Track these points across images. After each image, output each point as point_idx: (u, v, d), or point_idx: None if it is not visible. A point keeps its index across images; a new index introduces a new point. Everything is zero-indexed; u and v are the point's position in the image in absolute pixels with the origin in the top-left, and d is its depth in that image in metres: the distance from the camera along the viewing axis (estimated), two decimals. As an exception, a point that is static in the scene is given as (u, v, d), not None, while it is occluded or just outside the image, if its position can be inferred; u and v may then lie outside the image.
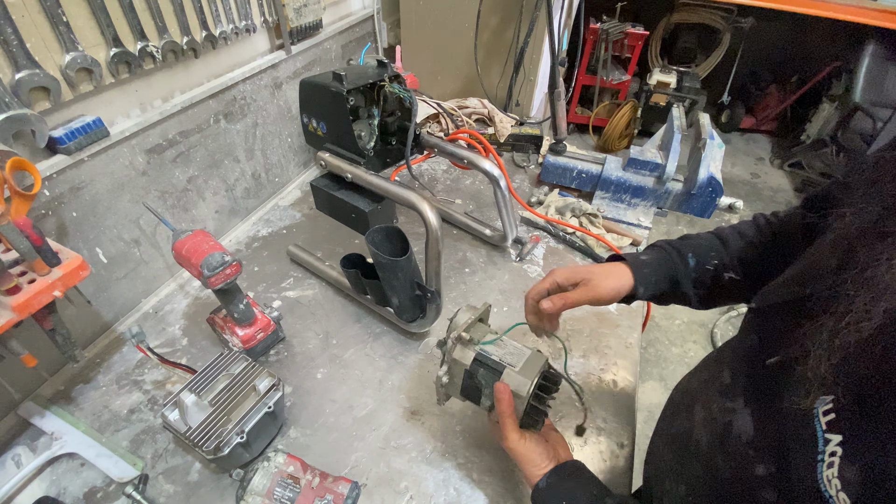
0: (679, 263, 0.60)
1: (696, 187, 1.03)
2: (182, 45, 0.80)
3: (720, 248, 0.61)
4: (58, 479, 0.63)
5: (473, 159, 0.91)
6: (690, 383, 0.56)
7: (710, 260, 0.60)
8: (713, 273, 0.60)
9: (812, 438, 0.32)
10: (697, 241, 0.62)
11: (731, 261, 0.60)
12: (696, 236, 0.64)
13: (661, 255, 0.62)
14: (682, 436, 0.50)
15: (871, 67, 2.69)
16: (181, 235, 0.67)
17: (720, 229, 0.64)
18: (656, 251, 0.63)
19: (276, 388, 0.64)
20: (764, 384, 0.41)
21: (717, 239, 0.62)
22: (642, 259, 0.61)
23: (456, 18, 1.37)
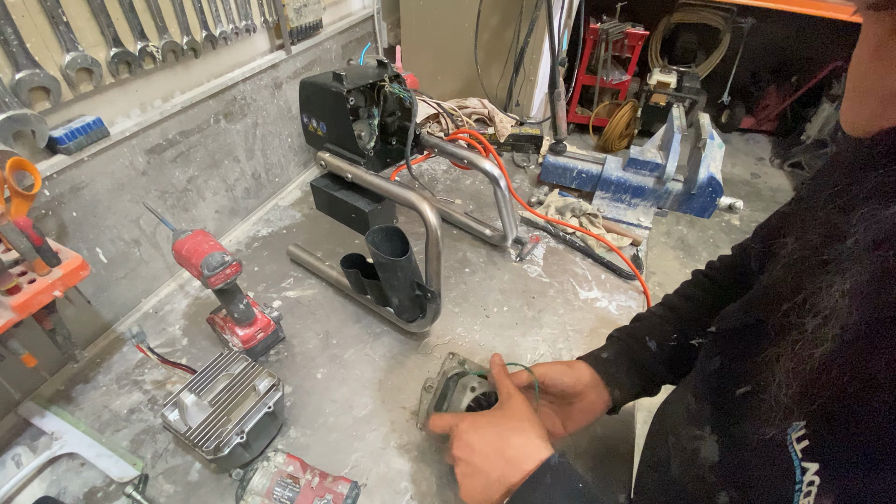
0: (639, 351, 0.58)
1: (696, 187, 1.03)
2: (182, 45, 0.80)
3: (675, 320, 0.59)
4: (58, 479, 0.63)
5: (473, 159, 0.91)
6: (665, 408, 0.56)
7: (669, 336, 0.58)
8: (678, 346, 0.58)
9: (788, 468, 0.31)
10: (650, 323, 0.61)
11: (691, 327, 0.58)
12: (648, 316, 0.62)
13: (620, 348, 0.60)
14: (660, 465, 0.49)
15: (872, 67, 2.68)
16: (181, 235, 0.67)
17: (667, 299, 0.63)
18: (613, 345, 0.61)
19: (276, 388, 0.64)
20: (730, 411, 0.40)
21: (668, 311, 0.61)
22: (603, 357, 0.59)
23: (456, 18, 1.37)
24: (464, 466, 0.47)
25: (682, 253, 2.63)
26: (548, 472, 0.44)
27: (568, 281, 0.97)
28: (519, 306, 0.91)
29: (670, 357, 0.58)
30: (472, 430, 0.49)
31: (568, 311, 0.90)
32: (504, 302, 0.91)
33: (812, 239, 0.36)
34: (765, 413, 0.34)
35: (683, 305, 0.61)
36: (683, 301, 0.61)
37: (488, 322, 0.87)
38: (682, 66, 3.17)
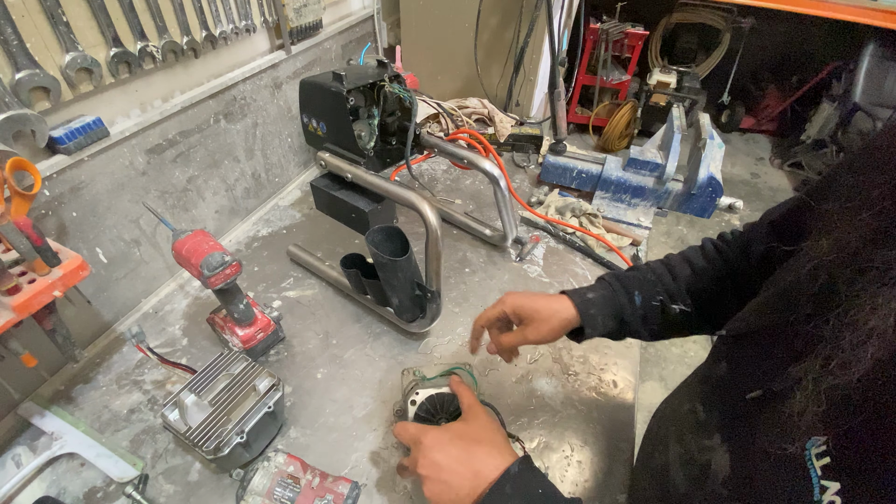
0: (625, 302, 0.58)
1: (696, 187, 1.03)
2: (182, 45, 0.80)
3: (668, 281, 0.58)
4: (58, 479, 0.63)
5: (473, 159, 0.91)
6: (665, 411, 0.54)
7: (655, 296, 0.58)
8: (661, 308, 0.57)
9: (805, 485, 0.29)
10: (644, 276, 0.59)
11: (680, 292, 0.57)
12: (645, 269, 0.61)
13: (608, 294, 0.59)
14: (659, 472, 0.48)
15: (871, 67, 2.69)
16: (181, 235, 0.67)
17: (669, 258, 0.61)
18: (603, 288, 0.60)
19: (276, 388, 0.64)
20: (742, 419, 0.38)
21: (666, 270, 0.60)
22: (589, 298, 0.58)
23: (456, 18, 1.37)
24: (432, 484, 0.46)
25: (682, 253, 2.63)
26: (508, 482, 0.43)
27: (568, 281, 0.97)
28: (519, 306, 0.91)
29: (648, 315, 0.58)
30: (436, 448, 0.48)
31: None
32: (504, 302, 0.91)
33: (851, 242, 0.32)
34: (783, 425, 0.32)
35: (683, 270, 0.59)
36: (684, 265, 0.59)
37: None
38: (682, 66, 3.17)
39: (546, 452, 0.68)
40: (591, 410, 0.74)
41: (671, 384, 1.97)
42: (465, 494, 0.44)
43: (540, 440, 0.70)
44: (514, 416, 0.73)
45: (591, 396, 0.76)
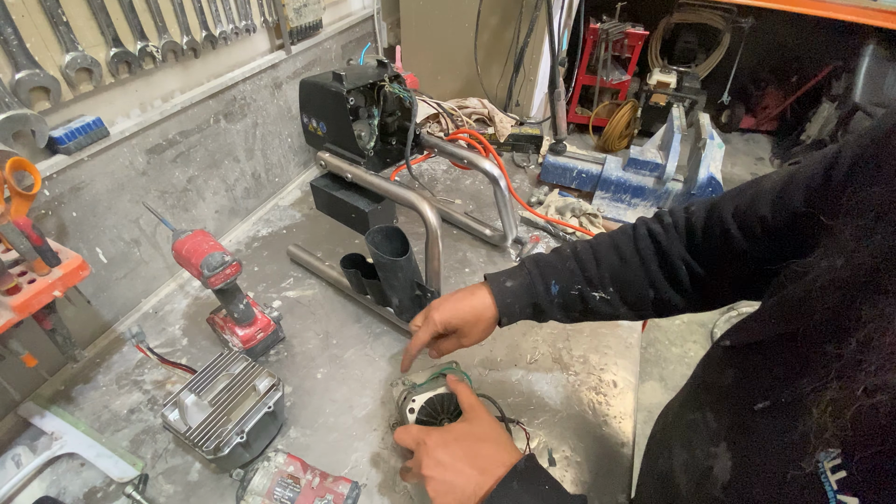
0: (542, 290, 0.57)
1: (696, 187, 1.03)
2: (182, 45, 0.80)
3: (591, 269, 0.56)
4: (58, 479, 0.63)
5: (473, 159, 0.91)
6: (668, 417, 0.54)
7: (574, 285, 0.57)
8: (579, 296, 0.57)
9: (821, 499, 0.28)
10: (564, 265, 0.58)
11: (602, 281, 0.56)
12: (568, 255, 0.58)
13: (525, 282, 0.58)
14: (663, 477, 0.48)
15: (871, 67, 2.69)
16: (181, 235, 0.67)
17: (598, 242, 0.59)
18: (521, 276, 0.59)
19: (276, 388, 0.64)
20: (749, 429, 0.38)
21: (591, 256, 0.57)
22: (507, 286, 0.58)
23: (456, 18, 1.37)
24: (437, 484, 0.46)
25: (682, 253, 2.63)
26: (515, 478, 0.44)
27: (568, 281, 0.97)
28: (519, 306, 0.91)
29: (566, 303, 0.58)
30: (440, 447, 0.48)
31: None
32: (504, 302, 0.91)
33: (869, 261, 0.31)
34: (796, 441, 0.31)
35: (609, 257, 0.56)
36: (612, 253, 0.56)
37: None
38: (681, 66, 3.17)
39: (546, 452, 0.68)
40: (591, 410, 0.74)
41: (671, 384, 1.97)
42: (471, 493, 0.44)
43: (540, 440, 0.70)
44: (514, 416, 0.73)
45: (591, 396, 0.76)
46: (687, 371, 2.04)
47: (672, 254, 0.53)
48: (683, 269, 0.53)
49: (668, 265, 0.54)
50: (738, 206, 0.49)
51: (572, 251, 0.59)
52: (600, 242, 0.58)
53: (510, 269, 0.61)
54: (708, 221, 0.52)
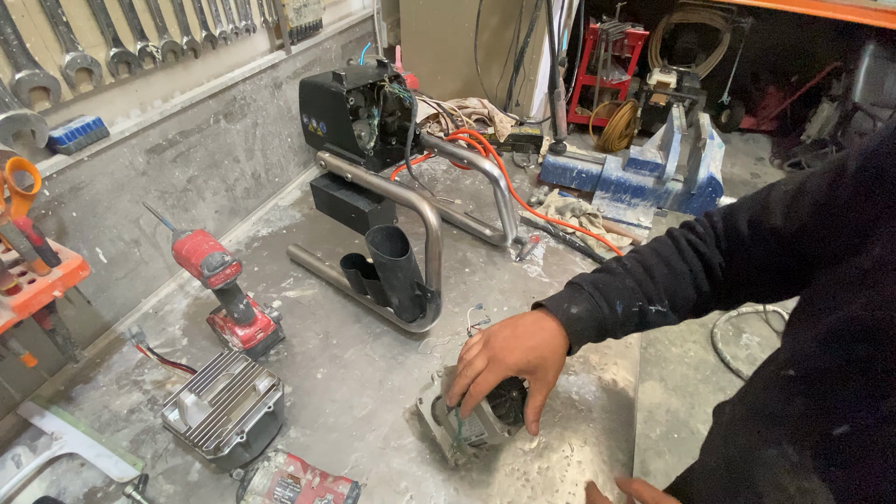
0: (607, 314, 0.57)
1: (696, 187, 1.03)
2: (182, 45, 0.80)
3: (647, 284, 0.57)
4: (58, 479, 0.63)
5: (473, 159, 0.91)
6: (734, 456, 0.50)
7: (635, 302, 0.57)
8: (639, 312, 0.57)
9: None
10: (623, 283, 0.57)
11: (658, 294, 0.57)
12: (622, 273, 0.58)
13: (591, 307, 0.57)
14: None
15: (871, 67, 2.69)
16: (181, 235, 0.67)
17: (642, 255, 0.59)
18: (584, 300, 0.57)
19: (276, 388, 0.64)
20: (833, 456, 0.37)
21: (643, 271, 0.58)
22: (573, 314, 0.56)
23: (456, 18, 1.37)
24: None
25: (682, 253, 2.63)
26: None
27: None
28: (519, 306, 0.91)
29: (626, 320, 0.58)
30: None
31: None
32: (504, 302, 0.91)
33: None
34: None
35: (660, 270, 0.57)
36: (661, 265, 0.57)
37: (488, 322, 0.87)
38: (682, 66, 3.17)
39: (546, 452, 0.68)
40: (591, 410, 0.74)
41: (671, 384, 1.97)
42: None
43: (540, 440, 0.70)
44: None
45: (590, 396, 0.76)
46: (687, 371, 2.05)
47: (713, 261, 0.56)
48: (720, 274, 0.56)
49: (710, 271, 0.56)
50: (752, 216, 0.51)
51: (623, 268, 0.59)
52: (646, 256, 0.59)
53: (565, 294, 0.59)
54: (727, 231, 0.55)
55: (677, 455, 1.74)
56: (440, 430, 0.65)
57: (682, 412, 1.88)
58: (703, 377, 2.01)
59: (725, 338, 2.16)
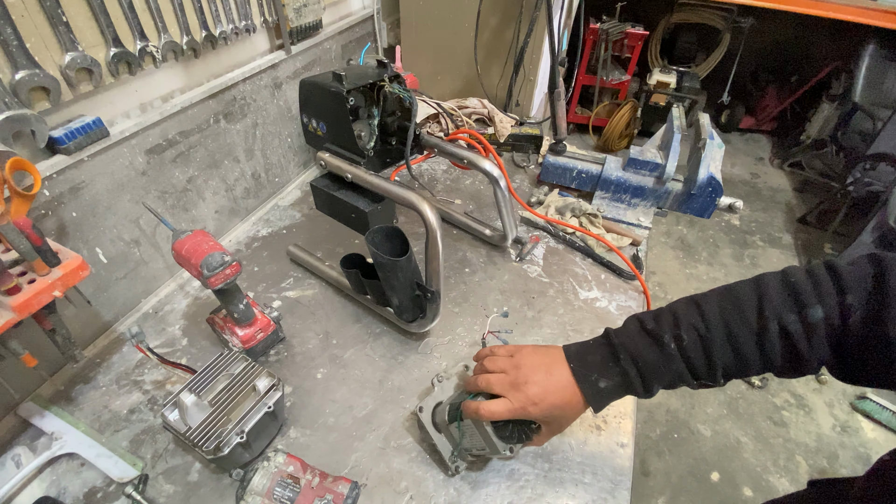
0: (641, 392, 0.51)
1: (696, 187, 1.03)
2: (182, 45, 0.80)
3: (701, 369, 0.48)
4: (58, 479, 0.63)
5: (473, 159, 0.91)
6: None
7: (678, 384, 0.50)
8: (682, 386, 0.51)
9: None
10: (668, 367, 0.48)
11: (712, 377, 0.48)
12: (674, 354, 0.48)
13: (623, 385, 0.51)
14: None
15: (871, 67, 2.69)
16: (181, 235, 0.67)
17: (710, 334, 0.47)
18: (617, 376, 0.51)
19: (275, 388, 0.64)
20: None
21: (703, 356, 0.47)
22: (601, 388, 0.51)
23: (456, 18, 1.37)
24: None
25: (681, 253, 2.63)
26: None
27: (568, 281, 0.97)
28: (519, 306, 0.91)
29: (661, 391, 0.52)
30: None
31: (568, 311, 0.90)
32: (504, 302, 0.91)
33: None
34: None
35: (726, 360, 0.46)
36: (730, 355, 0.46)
37: (488, 322, 0.87)
38: (681, 66, 3.17)
39: (546, 453, 0.68)
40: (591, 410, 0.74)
41: (671, 384, 1.97)
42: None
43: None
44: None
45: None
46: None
47: (811, 360, 0.43)
48: (815, 368, 0.44)
49: (799, 368, 0.45)
50: None
51: (677, 345, 0.48)
52: (713, 333, 0.46)
53: (599, 360, 0.52)
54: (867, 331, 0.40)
55: (677, 455, 1.74)
56: (440, 438, 0.64)
57: (682, 412, 1.88)
58: (703, 377, 2.01)
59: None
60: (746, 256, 2.63)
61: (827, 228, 2.67)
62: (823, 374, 2.00)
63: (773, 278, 0.46)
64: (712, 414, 1.88)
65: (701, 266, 2.56)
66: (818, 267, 0.45)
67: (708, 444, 1.78)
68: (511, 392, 0.52)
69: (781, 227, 2.85)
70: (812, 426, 1.87)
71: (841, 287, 0.42)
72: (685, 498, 1.61)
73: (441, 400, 0.65)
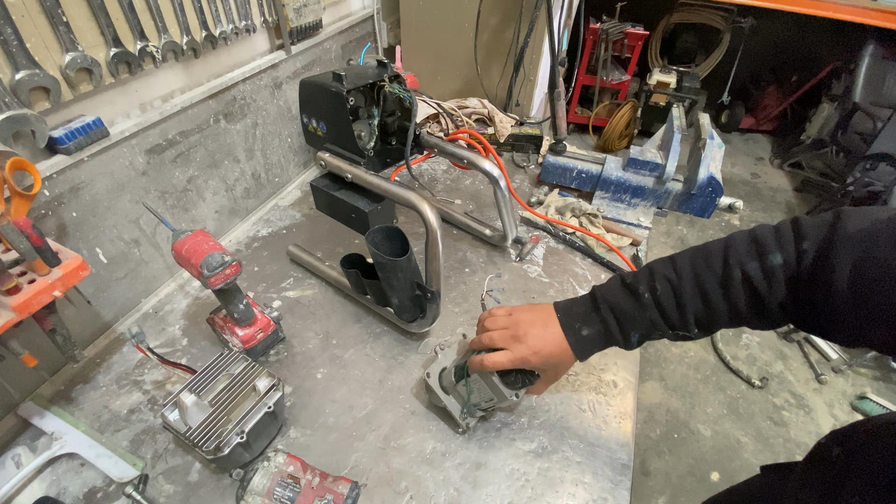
0: (620, 340, 0.55)
1: (696, 187, 1.03)
2: (182, 45, 0.80)
3: (673, 317, 0.51)
4: (58, 479, 0.63)
5: (473, 159, 0.91)
6: None
7: (653, 333, 0.54)
8: (658, 337, 0.55)
9: None
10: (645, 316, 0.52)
11: (685, 325, 0.51)
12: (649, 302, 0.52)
13: (602, 331, 0.55)
14: None
15: (871, 67, 2.69)
16: (181, 235, 0.67)
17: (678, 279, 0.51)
18: (597, 324, 0.55)
19: (276, 388, 0.64)
20: None
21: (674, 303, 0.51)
22: (583, 335, 0.56)
23: (456, 18, 1.37)
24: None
25: (682, 253, 2.63)
26: None
27: (568, 281, 0.97)
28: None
29: (641, 343, 0.56)
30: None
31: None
32: (504, 302, 0.91)
33: None
34: None
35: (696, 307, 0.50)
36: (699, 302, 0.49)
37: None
38: (681, 66, 3.17)
39: (546, 453, 0.68)
40: (591, 410, 0.74)
41: (671, 384, 1.97)
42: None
43: (539, 440, 0.70)
44: (514, 416, 0.73)
45: (591, 396, 0.76)
46: (687, 371, 2.05)
47: (771, 305, 0.46)
48: (778, 314, 0.47)
49: (763, 314, 0.48)
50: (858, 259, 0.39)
51: (651, 295, 0.52)
52: (683, 282, 0.50)
53: (581, 309, 0.57)
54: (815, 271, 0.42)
55: (677, 455, 1.74)
56: (449, 399, 0.68)
57: (682, 412, 1.88)
58: (703, 377, 2.01)
59: (725, 338, 2.16)
60: (746, 256, 2.63)
61: (827, 228, 2.66)
62: (824, 375, 2.00)
63: (741, 233, 0.50)
64: (712, 414, 1.88)
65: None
66: (784, 221, 0.47)
67: (708, 444, 1.78)
68: (512, 344, 0.57)
69: (781, 227, 2.85)
70: (812, 426, 1.87)
71: (800, 235, 0.45)
72: (685, 498, 1.61)
73: (445, 366, 0.69)
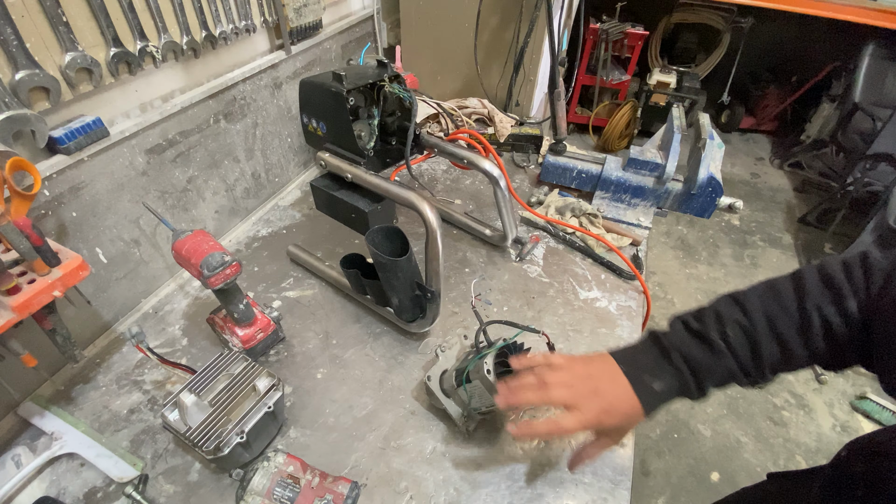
0: (694, 391, 0.51)
1: (696, 187, 1.03)
2: (182, 45, 0.80)
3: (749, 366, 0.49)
4: (58, 479, 0.63)
5: (473, 159, 0.91)
6: None
7: (728, 381, 0.50)
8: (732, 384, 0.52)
9: None
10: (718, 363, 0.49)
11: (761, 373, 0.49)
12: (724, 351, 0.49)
13: (675, 385, 0.51)
14: None
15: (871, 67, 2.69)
16: (181, 235, 0.67)
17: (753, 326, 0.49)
18: (670, 376, 0.51)
19: (275, 388, 0.64)
20: None
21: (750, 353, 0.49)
22: (655, 391, 0.51)
23: (456, 18, 1.37)
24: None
25: (681, 253, 2.63)
26: None
27: (568, 281, 0.97)
28: (519, 306, 0.91)
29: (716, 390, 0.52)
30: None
31: (568, 311, 0.90)
32: (504, 302, 0.91)
33: None
34: None
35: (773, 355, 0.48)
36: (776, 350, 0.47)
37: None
38: (681, 66, 3.17)
39: (546, 452, 0.68)
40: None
41: (671, 384, 1.97)
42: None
43: (539, 440, 0.70)
44: (512, 416, 0.73)
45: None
46: (687, 371, 2.04)
47: (849, 353, 0.46)
48: (855, 358, 0.46)
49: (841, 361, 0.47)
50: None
51: (725, 343, 0.49)
52: (758, 329, 0.48)
53: (651, 361, 0.52)
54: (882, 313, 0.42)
55: (677, 455, 1.74)
56: (450, 403, 0.68)
57: (682, 412, 1.88)
58: (703, 377, 2.01)
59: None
60: (746, 256, 2.63)
61: (827, 228, 2.67)
62: (824, 374, 2.00)
63: (810, 271, 0.49)
64: (712, 414, 1.88)
65: (701, 266, 2.56)
66: (854, 257, 0.47)
67: (708, 444, 1.78)
68: (583, 404, 0.51)
69: (781, 227, 2.85)
70: (812, 426, 1.87)
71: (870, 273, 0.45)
72: (685, 498, 1.61)
73: (446, 368, 0.70)
